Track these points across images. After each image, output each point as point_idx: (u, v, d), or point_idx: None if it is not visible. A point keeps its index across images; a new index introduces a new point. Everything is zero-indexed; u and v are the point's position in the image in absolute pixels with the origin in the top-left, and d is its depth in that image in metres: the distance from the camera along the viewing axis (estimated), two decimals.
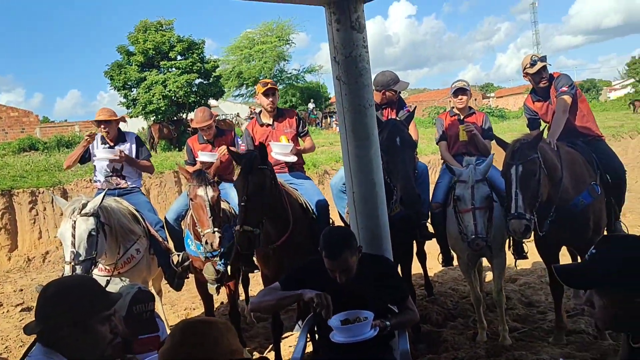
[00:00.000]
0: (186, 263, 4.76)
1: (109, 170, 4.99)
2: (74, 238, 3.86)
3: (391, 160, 3.98)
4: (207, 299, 4.84)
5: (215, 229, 4.14)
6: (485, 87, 76.46)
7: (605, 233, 4.47)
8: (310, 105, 31.99)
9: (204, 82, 24.03)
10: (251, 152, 3.94)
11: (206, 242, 4.13)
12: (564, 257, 5.33)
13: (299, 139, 4.96)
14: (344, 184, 4.74)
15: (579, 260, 4.61)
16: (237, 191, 3.72)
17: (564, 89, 4.59)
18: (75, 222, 3.91)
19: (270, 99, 4.81)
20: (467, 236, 4.11)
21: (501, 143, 4.19)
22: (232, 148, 4.98)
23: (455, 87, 5.11)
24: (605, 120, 28.75)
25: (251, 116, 22.31)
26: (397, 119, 4.67)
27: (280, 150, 4.67)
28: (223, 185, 5.19)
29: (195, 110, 5.61)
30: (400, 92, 5.04)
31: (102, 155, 4.92)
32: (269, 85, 4.85)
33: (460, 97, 5.07)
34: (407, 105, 5.10)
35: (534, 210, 3.82)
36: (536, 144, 3.88)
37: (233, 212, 4.94)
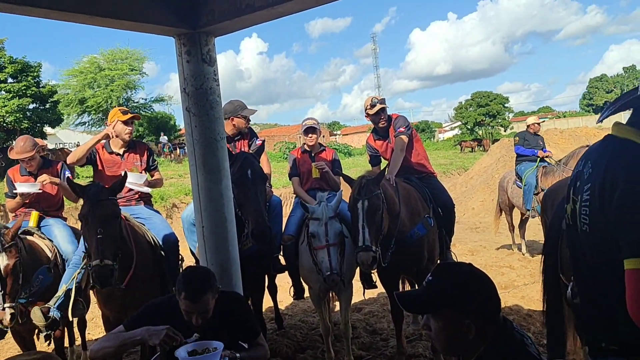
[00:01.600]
0: None
1: None
2: None
3: (242, 193, 3.98)
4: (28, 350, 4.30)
5: (6, 305, 3.70)
6: (333, 124, 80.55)
7: (438, 261, 4.88)
8: (163, 139, 31.00)
9: (39, 108, 22.17)
10: (97, 184, 3.70)
11: None
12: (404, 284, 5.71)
13: (148, 173, 4.75)
14: (194, 218, 4.62)
15: (417, 287, 4.97)
16: (86, 223, 3.45)
17: (402, 129, 4.99)
18: None
19: (130, 128, 4.57)
20: (322, 272, 4.18)
21: (347, 179, 4.41)
22: (56, 179, 4.63)
23: (305, 126, 5.31)
24: (437, 159, 31.83)
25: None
26: (249, 152, 4.71)
27: (134, 180, 4.44)
28: (47, 221, 4.76)
29: (16, 139, 5.06)
30: (249, 120, 5.09)
31: None
32: (131, 114, 4.61)
33: (310, 135, 5.29)
34: (253, 133, 5.18)
35: (379, 242, 4.04)
36: (379, 181, 4.14)
37: (56, 250, 4.53)
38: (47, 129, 24.75)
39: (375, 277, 4.93)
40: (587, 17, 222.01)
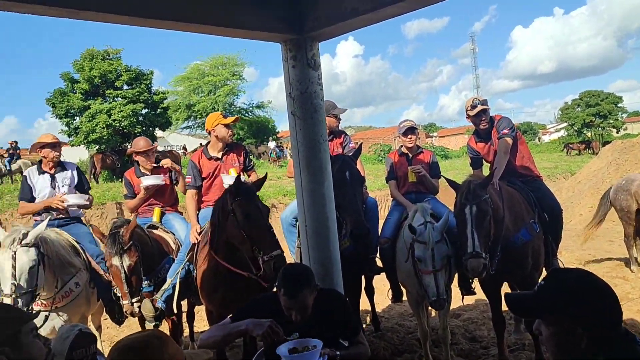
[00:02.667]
0: None
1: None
2: (14, 270, 3.69)
3: (341, 194, 4.02)
4: None
5: (134, 300, 3.99)
6: (429, 126, 79.10)
7: (543, 269, 4.66)
8: (271, 144, 31.38)
9: (151, 113, 23.75)
10: (245, 181, 3.89)
11: (125, 312, 4.03)
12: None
13: (245, 173, 4.96)
14: (294, 218, 4.74)
15: None
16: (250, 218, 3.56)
17: (505, 131, 4.82)
18: (15, 252, 3.73)
19: (231, 131, 4.80)
20: (428, 297, 4.07)
21: (451, 183, 4.31)
22: (176, 166, 5.00)
23: (404, 127, 5.25)
24: (541, 162, 30.17)
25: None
26: (343, 153, 4.78)
27: (232, 182, 4.66)
28: (167, 217, 5.10)
29: (134, 140, 5.49)
30: (339, 119, 5.16)
31: (73, 201, 4.74)
32: (232, 117, 4.86)
33: (409, 136, 5.22)
34: (346, 135, 5.25)
35: (487, 248, 3.93)
36: (487, 185, 4.02)
37: (178, 242, 4.85)
38: (158, 132, 26.43)
39: (474, 283, 4.81)
40: None
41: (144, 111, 23.40)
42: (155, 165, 5.21)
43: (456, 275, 4.71)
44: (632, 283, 7.38)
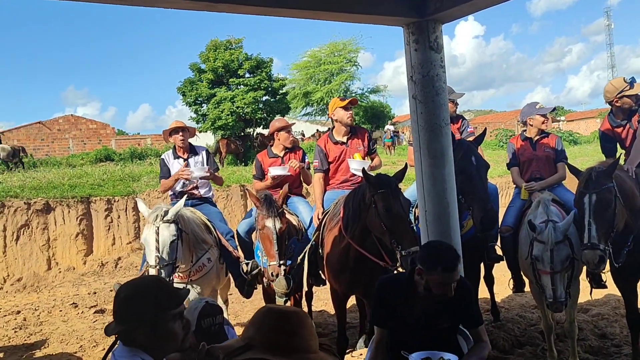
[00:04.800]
0: (255, 271, 4.86)
1: (185, 181, 5.21)
2: (158, 243, 4.05)
3: (467, 181, 3.94)
4: None
5: (281, 262, 4.17)
6: (556, 110, 73.97)
7: None
8: (390, 127, 30.13)
9: (271, 100, 24.62)
10: (386, 175, 3.89)
11: (271, 274, 4.19)
12: None
13: (369, 157, 5.03)
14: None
15: None
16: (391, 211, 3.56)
17: None
18: (158, 228, 4.10)
19: (350, 112, 4.92)
20: (545, 298, 3.92)
21: (574, 170, 4.08)
22: (302, 164, 5.16)
23: (538, 110, 4.94)
24: None
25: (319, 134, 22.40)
26: (468, 140, 4.65)
27: (357, 166, 4.70)
28: (292, 199, 5.31)
29: (272, 121, 5.80)
30: (457, 104, 5.08)
31: (197, 174, 5.11)
32: (348, 99, 4.96)
33: (544, 119, 4.95)
34: (464, 119, 5.15)
35: (609, 240, 3.69)
36: (612, 172, 3.75)
37: (302, 226, 5.04)
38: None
39: (604, 276, 4.49)
40: None
41: (264, 98, 24.31)
42: (288, 148, 5.43)
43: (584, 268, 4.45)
44: None
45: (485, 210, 3.81)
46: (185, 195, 4.91)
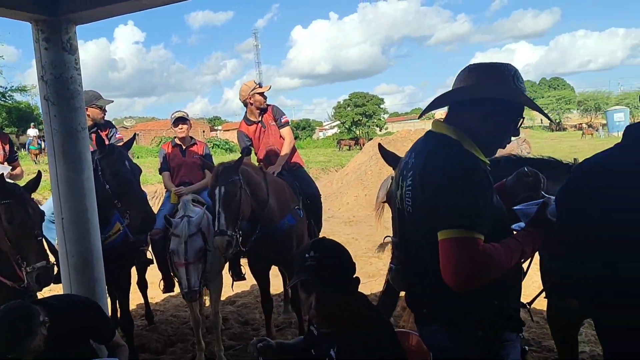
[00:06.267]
0: None
1: None
2: None
3: (123, 184, 3.94)
4: None
5: None
6: (214, 119, 79.16)
7: None
8: (32, 131, 26.34)
9: None
10: None
11: None
12: (277, 277, 5.87)
13: (10, 164, 4.50)
14: (52, 214, 4.46)
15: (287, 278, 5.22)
16: None
17: (286, 118, 5.19)
18: None
19: None
20: (181, 288, 4.23)
21: (210, 168, 4.53)
22: None
23: (175, 117, 5.26)
24: (317, 156, 32.66)
25: None
26: (118, 145, 4.61)
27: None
28: None
29: None
30: (105, 110, 4.99)
31: None
32: None
33: (180, 126, 5.23)
34: (113, 127, 5.15)
35: (237, 227, 4.13)
36: (238, 167, 4.22)
37: None
38: None
39: (244, 269, 5.05)
40: (455, 25, 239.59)
41: None
42: None
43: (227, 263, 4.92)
44: (385, 261, 8.48)
45: (145, 211, 3.91)
46: None
